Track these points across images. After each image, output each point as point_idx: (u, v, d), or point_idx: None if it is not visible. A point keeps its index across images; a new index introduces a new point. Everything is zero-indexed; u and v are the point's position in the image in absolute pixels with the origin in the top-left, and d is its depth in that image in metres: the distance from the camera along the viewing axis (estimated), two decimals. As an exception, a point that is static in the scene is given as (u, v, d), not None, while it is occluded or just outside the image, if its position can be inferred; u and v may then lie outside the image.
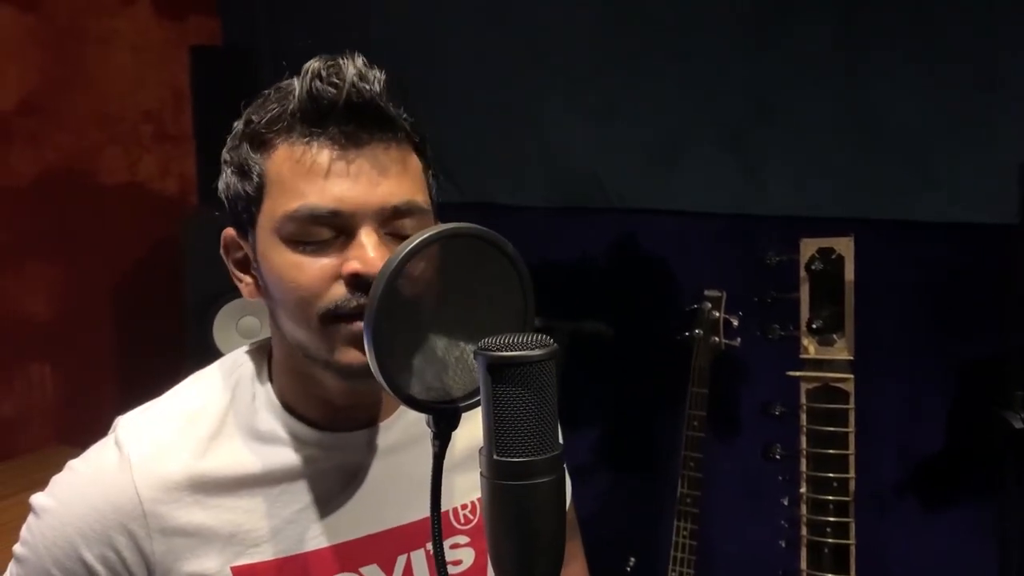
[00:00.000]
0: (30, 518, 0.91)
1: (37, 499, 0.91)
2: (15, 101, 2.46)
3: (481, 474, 0.67)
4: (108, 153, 2.68)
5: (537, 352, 0.64)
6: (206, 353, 1.03)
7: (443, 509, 0.99)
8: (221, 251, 0.96)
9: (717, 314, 1.88)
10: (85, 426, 0.95)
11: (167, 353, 2.36)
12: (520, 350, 0.64)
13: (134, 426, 0.93)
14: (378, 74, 0.88)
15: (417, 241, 0.74)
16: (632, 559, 2.05)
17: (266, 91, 0.92)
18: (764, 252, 1.61)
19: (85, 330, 2.66)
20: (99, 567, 0.87)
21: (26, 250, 2.50)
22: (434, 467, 0.76)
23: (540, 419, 0.65)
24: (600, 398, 2.39)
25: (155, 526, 0.87)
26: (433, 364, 0.77)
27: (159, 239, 2.73)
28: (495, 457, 0.65)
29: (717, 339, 1.88)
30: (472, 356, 0.71)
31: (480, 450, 0.67)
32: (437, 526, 0.75)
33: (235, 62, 2.48)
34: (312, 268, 0.85)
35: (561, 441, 0.68)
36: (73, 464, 0.92)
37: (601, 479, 2.38)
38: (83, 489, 0.89)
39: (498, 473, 0.65)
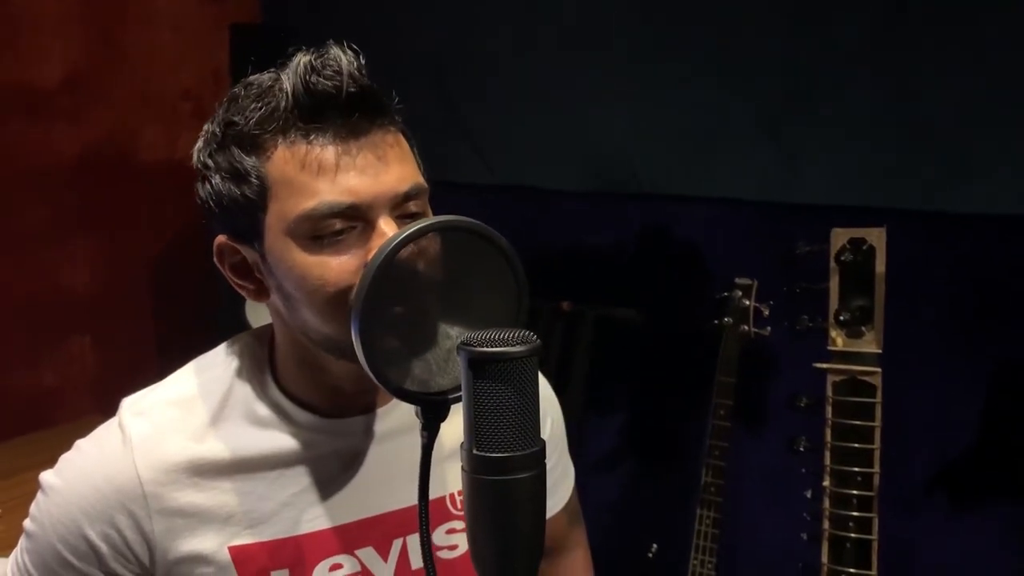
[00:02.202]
0: (38, 495, 0.93)
1: (45, 477, 0.93)
2: (58, 79, 2.50)
3: (462, 468, 0.67)
4: (148, 131, 2.72)
5: (518, 348, 0.64)
6: (238, 328, 1.07)
7: (440, 495, 1.01)
8: (215, 260, 0.95)
9: (747, 302, 1.86)
10: (123, 397, 0.97)
11: (202, 327, 2.39)
12: (501, 346, 0.64)
13: (137, 409, 0.94)
14: (363, 61, 0.87)
15: (405, 233, 0.74)
16: (654, 545, 2.04)
17: (236, 90, 0.91)
18: (795, 241, 1.58)
19: (124, 304, 2.72)
20: (101, 544, 0.89)
21: (68, 225, 2.56)
22: (422, 457, 0.77)
23: (520, 415, 0.65)
24: (628, 384, 2.37)
25: (155, 507, 0.89)
26: (423, 356, 0.77)
27: (196, 215, 2.77)
28: (474, 452, 0.65)
29: (747, 328, 1.86)
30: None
31: (461, 444, 0.67)
32: (424, 515, 0.77)
33: (274, 41, 2.47)
34: (337, 265, 0.84)
35: (544, 437, 0.68)
36: (80, 444, 0.94)
37: (626, 465, 2.38)
38: (87, 469, 0.91)
39: (477, 468, 0.65)
